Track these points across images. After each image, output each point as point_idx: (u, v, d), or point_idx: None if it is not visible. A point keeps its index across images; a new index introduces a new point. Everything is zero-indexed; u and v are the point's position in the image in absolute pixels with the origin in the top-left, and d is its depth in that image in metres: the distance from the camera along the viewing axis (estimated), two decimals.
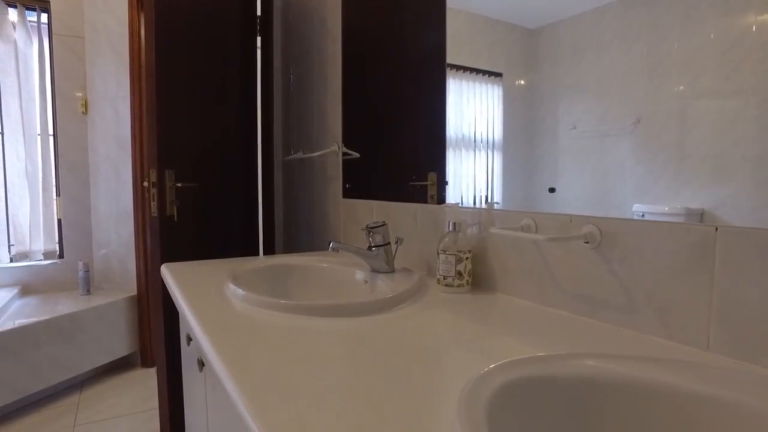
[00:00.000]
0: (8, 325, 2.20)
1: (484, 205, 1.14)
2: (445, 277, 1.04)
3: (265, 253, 1.97)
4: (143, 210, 2.72)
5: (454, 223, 1.05)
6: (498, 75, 1.13)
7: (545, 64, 0.99)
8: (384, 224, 1.13)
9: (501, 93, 1.12)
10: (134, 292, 2.80)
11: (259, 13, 1.95)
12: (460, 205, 1.16)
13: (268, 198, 1.95)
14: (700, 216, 0.72)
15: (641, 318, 0.75)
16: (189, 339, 1.00)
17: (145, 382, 2.59)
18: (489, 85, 1.16)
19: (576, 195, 0.92)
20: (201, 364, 0.87)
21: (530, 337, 0.74)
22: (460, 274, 1.03)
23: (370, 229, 1.12)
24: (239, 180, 1.83)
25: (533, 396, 0.55)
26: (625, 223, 0.78)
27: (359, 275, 1.15)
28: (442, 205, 1.20)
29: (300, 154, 1.87)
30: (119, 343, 2.70)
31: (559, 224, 0.89)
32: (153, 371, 2.75)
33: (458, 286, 1.03)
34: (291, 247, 2.14)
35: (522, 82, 1.06)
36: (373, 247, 1.13)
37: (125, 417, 2.21)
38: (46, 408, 2.30)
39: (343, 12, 1.62)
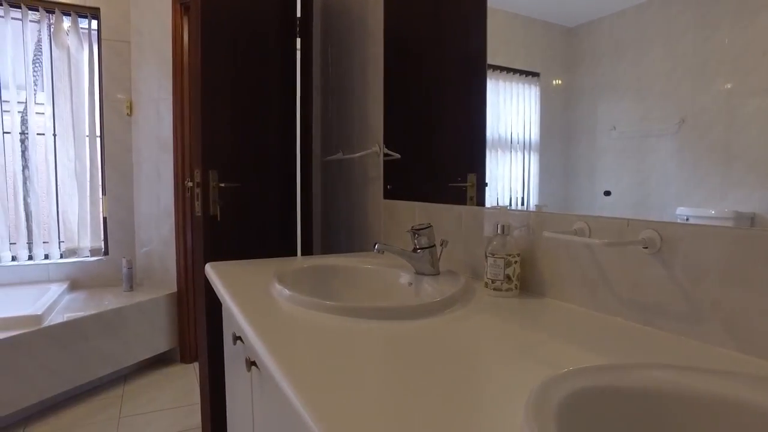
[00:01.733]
0: (59, 319, 2.29)
1: (520, 207, 1.11)
2: (493, 281, 1.02)
3: (303, 254, 1.99)
4: (183, 209, 2.79)
5: (503, 226, 1.03)
6: (535, 75, 1.11)
7: (584, 63, 0.96)
8: (429, 226, 1.12)
9: (538, 93, 1.10)
10: (174, 289, 2.87)
11: (298, 15, 1.96)
12: (508, 207, 1.14)
13: (307, 198, 1.96)
14: (751, 220, 0.68)
15: (706, 328, 0.72)
16: (235, 338, 1.01)
17: (184, 378, 2.65)
18: (526, 85, 1.14)
19: (615, 197, 0.89)
20: (249, 364, 0.87)
21: (587, 344, 0.71)
22: (508, 278, 1.01)
23: (415, 231, 1.11)
24: (278, 180, 1.85)
25: (600, 406, 0.53)
26: (687, 228, 0.74)
27: (404, 277, 1.15)
28: (491, 207, 1.18)
29: (339, 155, 1.88)
30: (160, 338, 2.77)
31: (615, 228, 0.85)
32: (191, 367, 2.81)
33: (507, 290, 1.01)
34: (329, 248, 2.15)
35: (559, 81, 1.03)
36: (419, 249, 1.12)
37: (166, 411, 2.27)
38: (93, 399, 2.38)
39: (384, 13, 1.62)
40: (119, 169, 3.03)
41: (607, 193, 0.90)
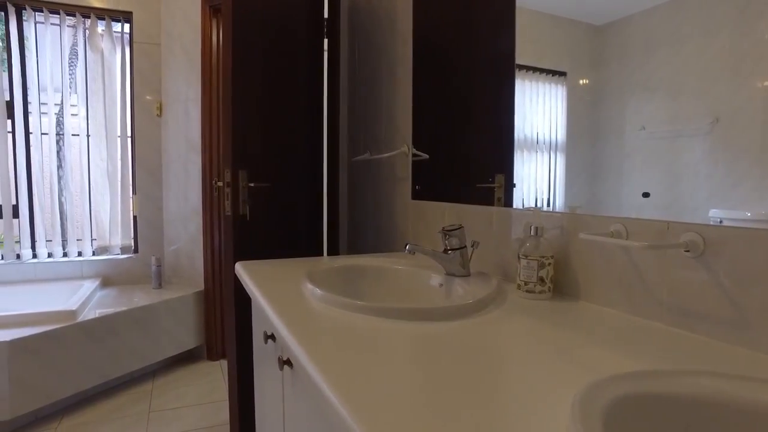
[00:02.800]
0: (92, 314, 2.35)
1: (546, 208, 1.10)
2: (526, 283, 1.00)
3: (328, 254, 1.99)
4: (211, 208, 2.83)
5: (536, 228, 1.01)
6: (562, 74, 1.10)
7: (612, 61, 0.95)
8: (461, 227, 1.11)
9: (565, 92, 1.08)
10: (201, 287, 2.92)
11: (326, 15, 1.97)
12: (540, 209, 1.12)
13: (333, 199, 1.97)
14: None
15: (754, 334, 0.69)
16: (266, 337, 1.02)
17: (211, 375, 2.69)
18: (552, 85, 1.13)
19: (643, 199, 0.87)
20: (281, 363, 0.88)
21: (626, 349, 0.69)
22: (542, 280, 0.99)
23: (446, 232, 1.10)
24: (305, 180, 1.86)
25: (647, 413, 0.51)
26: (732, 231, 0.72)
27: (434, 278, 1.14)
28: (524, 208, 1.16)
29: (367, 155, 1.88)
30: (187, 335, 2.82)
31: (654, 231, 0.83)
32: (218, 364, 2.85)
33: (540, 292, 1.00)
34: (355, 248, 2.15)
35: (586, 81, 1.02)
36: (449, 250, 1.11)
37: (194, 407, 2.31)
38: (124, 393, 2.44)
39: (414, 13, 1.61)
40: (149, 168, 3.10)
41: (646, 195, 0.87)
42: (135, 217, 3.11)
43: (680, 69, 0.81)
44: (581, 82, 1.03)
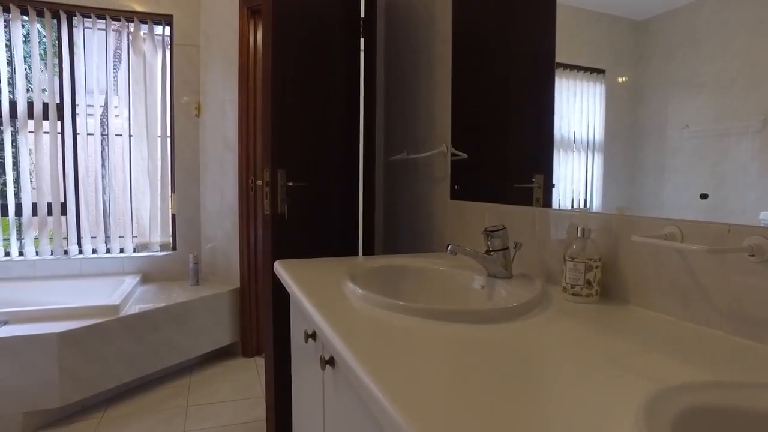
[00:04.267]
0: (133, 310, 2.42)
1: (582, 208, 1.07)
2: (572, 286, 0.97)
3: (363, 254, 1.99)
4: (247, 207, 2.88)
5: (583, 229, 0.98)
6: (600, 72, 1.07)
7: (654, 58, 0.91)
8: (503, 228, 1.09)
9: (603, 91, 1.05)
10: (237, 285, 2.97)
11: (362, 15, 1.97)
12: (589, 209, 1.09)
13: (369, 198, 1.97)
14: None
15: None
16: (307, 336, 1.03)
17: (246, 371, 2.73)
18: (590, 83, 1.10)
19: (687, 200, 0.84)
20: (323, 362, 0.88)
21: (686, 357, 0.66)
22: (589, 283, 0.96)
23: (489, 233, 1.08)
24: (341, 180, 1.87)
25: (719, 426, 0.49)
26: None
27: (476, 280, 1.12)
28: (570, 209, 1.13)
29: (404, 155, 1.87)
30: (223, 332, 2.88)
31: (712, 234, 0.79)
32: (252, 361, 2.90)
33: (587, 295, 0.96)
34: (390, 249, 2.15)
35: (626, 78, 0.99)
36: (491, 251, 1.09)
37: (230, 402, 2.35)
38: (162, 387, 2.50)
39: (453, 11, 1.59)
40: (187, 167, 3.17)
41: (704, 196, 0.83)
42: (173, 215, 3.19)
43: (728, 65, 0.77)
44: (620, 79, 1.00)
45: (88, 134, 2.99)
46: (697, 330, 0.79)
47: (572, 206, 1.13)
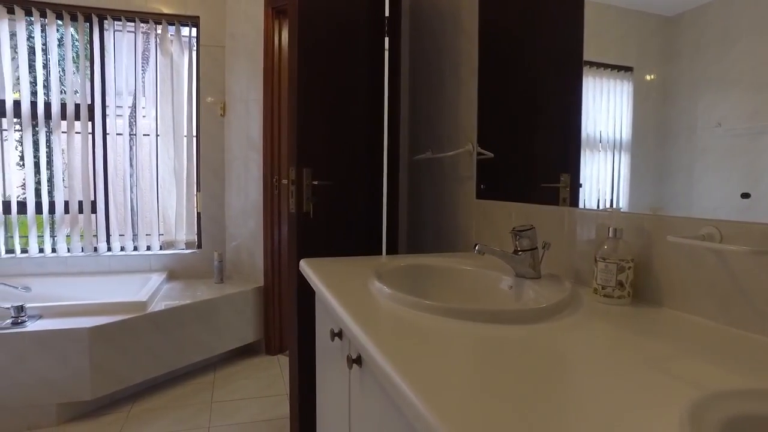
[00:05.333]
0: (160, 306, 2.47)
1: (613, 208, 1.04)
2: (603, 287, 0.95)
3: (387, 253, 1.99)
4: (271, 205, 2.90)
5: (615, 229, 0.96)
6: (628, 69, 1.05)
7: (684, 54, 0.89)
8: (532, 227, 1.07)
9: (631, 89, 1.03)
10: (261, 283, 3.00)
11: (387, 14, 1.97)
12: (621, 209, 1.06)
13: (393, 197, 1.96)
14: None
15: None
16: (333, 335, 1.03)
17: (270, 369, 2.76)
18: (617, 81, 1.08)
19: (719, 201, 0.81)
20: (350, 361, 0.88)
21: (729, 363, 0.64)
22: (621, 284, 0.94)
23: (517, 233, 1.06)
24: (366, 179, 1.87)
25: None
26: None
27: (504, 280, 1.10)
28: (601, 209, 1.11)
29: (428, 154, 1.86)
30: (246, 329, 2.91)
31: (755, 234, 0.76)
32: (276, 359, 2.92)
33: (618, 297, 0.94)
34: (414, 248, 2.14)
35: (654, 76, 0.96)
36: (520, 251, 1.07)
37: (254, 399, 2.37)
38: (188, 383, 2.54)
39: (479, 8, 1.58)
40: (212, 166, 3.22)
41: (746, 195, 0.80)
42: (199, 214, 3.24)
43: (764, 60, 0.75)
44: (648, 77, 0.98)
45: (117, 134, 3.06)
46: (737, 334, 0.76)
47: (597, 206, 1.12)
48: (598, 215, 1.09)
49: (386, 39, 1.97)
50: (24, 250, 2.95)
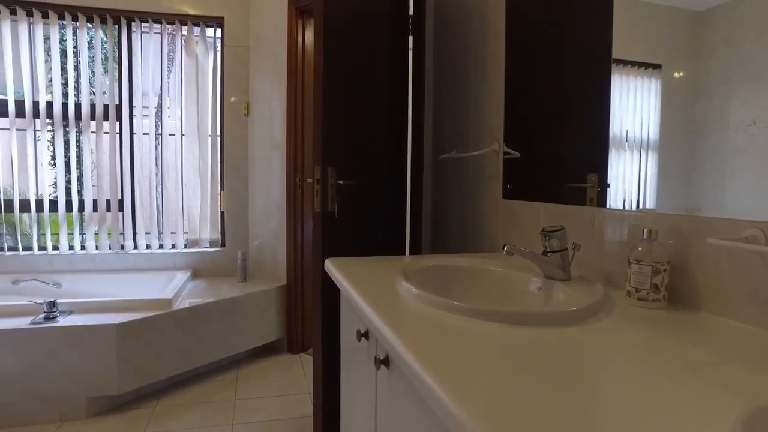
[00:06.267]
0: (185, 304, 2.50)
1: (642, 209, 1.01)
2: (637, 290, 0.93)
3: (411, 253, 1.98)
4: (295, 205, 2.92)
5: (650, 231, 0.93)
6: (656, 66, 1.02)
7: (717, 50, 0.86)
8: (562, 228, 1.05)
9: (659, 86, 1.01)
10: (283, 282, 3.02)
11: (411, 12, 1.96)
12: (654, 210, 1.04)
13: (416, 197, 1.95)
14: None
15: None
16: (360, 335, 1.02)
17: (292, 368, 2.77)
18: (644, 78, 1.06)
19: (753, 202, 0.79)
20: (378, 362, 0.87)
21: None
22: (656, 287, 0.91)
23: (547, 233, 1.04)
24: (389, 178, 1.86)
25: None
26: None
27: (533, 282, 1.08)
28: (635, 209, 1.08)
29: (453, 153, 1.85)
30: (269, 328, 2.93)
31: None
32: (298, 357, 2.94)
33: (653, 300, 0.91)
34: (438, 248, 2.12)
35: (684, 73, 0.94)
36: (549, 252, 1.05)
37: (277, 398, 2.39)
38: (211, 380, 2.57)
39: (507, 6, 1.55)
40: (236, 166, 3.25)
41: None
42: (222, 213, 3.28)
43: None
44: (677, 74, 0.96)
45: (143, 134, 3.12)
46: None
47: (623, 206, 1.10)
48: (630, 216, 1.06)
49: (410, 37, 1.96)
50: (55, 247, 3.03)
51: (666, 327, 0.80)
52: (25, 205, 2.97)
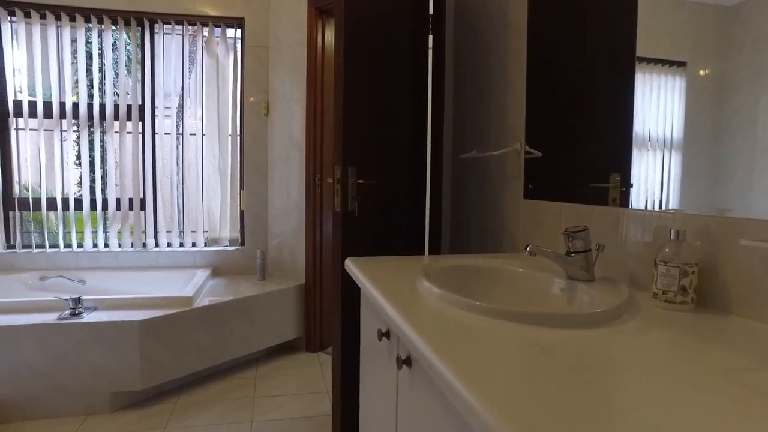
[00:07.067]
0: (205, 302, 2.54)
1: (670, 209, 0.99)
2: (664, 292, 0.91)
3: (430, 253, 1.97)
4: (314, 204, 2.93)
5: (677, 231, 0.91)
6: (681, 64, 1.00)
7: (745, 47, 0.84)
8: (586, 228, 1.03)
9: (683, 84, 0.99)
10: (302, 281, 3.03)
11: (431, 11, 1.95)
12: (683, 210, 1.01)
13: (436, 197, 1.94)
14: None
15: None
16: (381, 334, 1.02)
17: (310, 366, 2.79)
18: (668, 76, 1.03)
19: None
20: (400, 362, 0.87)
21: None
22: (684, 289, 0.89)
23: (570, 233, 1.03)
24: (409, 178, 1.85)
25: None
26: None
27: (555, 282, 1.07)
28: (663, 210, 1.06)
29: (474, 153, 1.83)
30: (287, 327, 2.95)
31: None
32: (316, 356, 2.95)
33: (681, 303, 0.89)
34: (457, 248, 2.11)
35: (709, 71, 0.92)
36: (573, 252, 1.04)
37: (295, 396, 2.40)
38: (231, 377, 2.60)
39: (529, 4, 1.54)
40: (256, 165, 3.28)
41: None
42: (242, 212, 3.31)
43: None
44: (702, 72, 0.94)
45: (165, 134, 3.16)
46: None
47: (645, 207, 1.08)
48: (656, 216, 1.04)
49: (430, 37, 1.95)
50: (80, 245, 3.09)
51: (696, 330, 0.78)
52: (51, 204, 3.04)
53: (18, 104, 2.96)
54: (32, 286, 2.84)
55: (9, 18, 2.92)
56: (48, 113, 2.98)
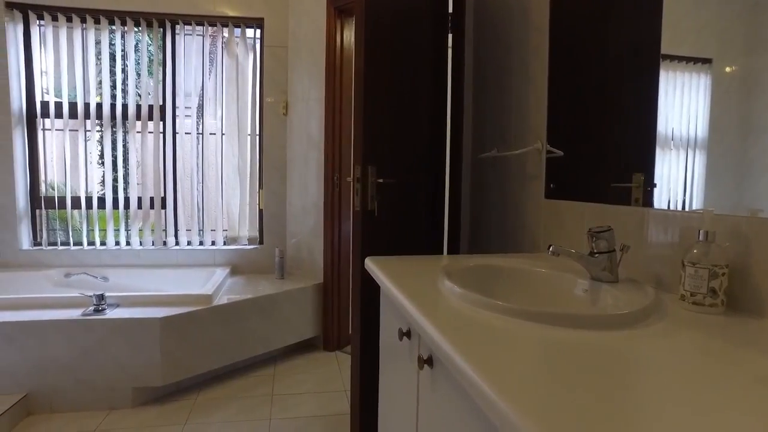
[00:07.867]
0: (224, 300, 2.56)
1: (699, 210, 0.97)
2: (693, 294, 0.89)
3: (449, 253, 1.96)
4: (332, 203, 2.94)
5: (706, 232, 0.89)
6: (706, 61, 0.98)
7: None
8: (610, 229, 1.02)
9: (709, 82, 0.96)
10: (320, 280, 3.05)
11: (450, 10, 1.94)
12: (713, 210, 0.99)
13: (455, 196, 1.93)
14: None
15: None
16: (402, 334, 1.02)
17: (327, 365, 2.80)
18: (693, 74, 1.01)
19: None
20: (421, 362, 0.86)
21: None
22: (714, 291, 0.87)
23: (594, 234, 1.01)
24: (428, 177, 1.85)
25: None
26: None
27: (579, 283, 1.05)
28: (690, 210, 1.04)
29: (494, 152, 1.82)
30: (306, 325, 2.96)
31: None
32: (333, 355, 2.96)
33: (710, 305, 0.87)
34: (477, 248, 2.10)
35: (736, 68, 0.89)
36: (596, 253, 1.02)
37: (313, 394, 2.41)
38: (249, 375, 2.62)
39: (551, 1, 1.52)
40: (274, 164, 3.30)
41: None
42: (261, 211, 3.34)
43: None
44: (728, 69, 0.92)
45: (185, 134, 3.21)
46: None
47: (668, 207, 1.06)
48: (682, 217, 1.02)
49: (449, 35, 1.94)
50: (103, 243, 3.15)
51: (727, 333, 0.76)
52: (76, 202, 3.11)
53: (45, 105, 3.04)
54: (57, 283, 2.90)
55: (38, 22, 2.99)
56: (73, 113, 3.04)
